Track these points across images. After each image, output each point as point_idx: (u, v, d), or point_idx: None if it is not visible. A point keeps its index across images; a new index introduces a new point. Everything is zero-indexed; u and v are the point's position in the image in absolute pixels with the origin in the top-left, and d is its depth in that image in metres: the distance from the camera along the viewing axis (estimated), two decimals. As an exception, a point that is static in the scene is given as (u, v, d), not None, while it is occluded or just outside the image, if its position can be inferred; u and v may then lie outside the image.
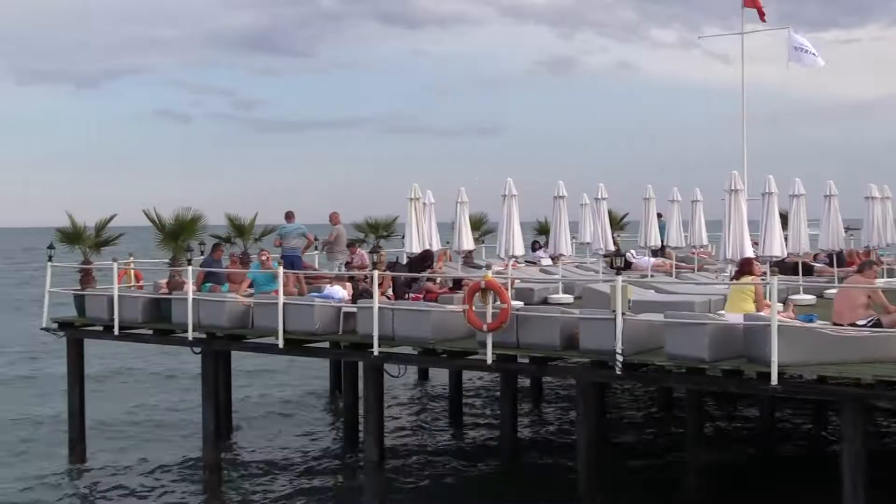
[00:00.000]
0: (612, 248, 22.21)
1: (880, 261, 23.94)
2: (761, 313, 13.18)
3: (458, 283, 19.13)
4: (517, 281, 19.82)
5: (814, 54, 25.88)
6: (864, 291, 13.48)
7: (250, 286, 18.35)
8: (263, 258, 18.71)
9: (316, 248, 24.05)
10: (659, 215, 26.14)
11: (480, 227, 29.80)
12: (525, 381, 25.07)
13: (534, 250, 28.92)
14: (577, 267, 25.57)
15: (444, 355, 15.39)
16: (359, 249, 23.13)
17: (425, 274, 19.23)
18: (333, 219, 22.89)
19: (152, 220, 20.90)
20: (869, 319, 13.11)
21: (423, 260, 20.12)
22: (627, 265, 24.78)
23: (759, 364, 12.42)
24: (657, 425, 21.79)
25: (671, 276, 23.90)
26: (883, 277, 22.59)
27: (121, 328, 18.47)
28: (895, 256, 27.34)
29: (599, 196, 23.26)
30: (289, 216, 21.85)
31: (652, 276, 23.73)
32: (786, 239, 20.01)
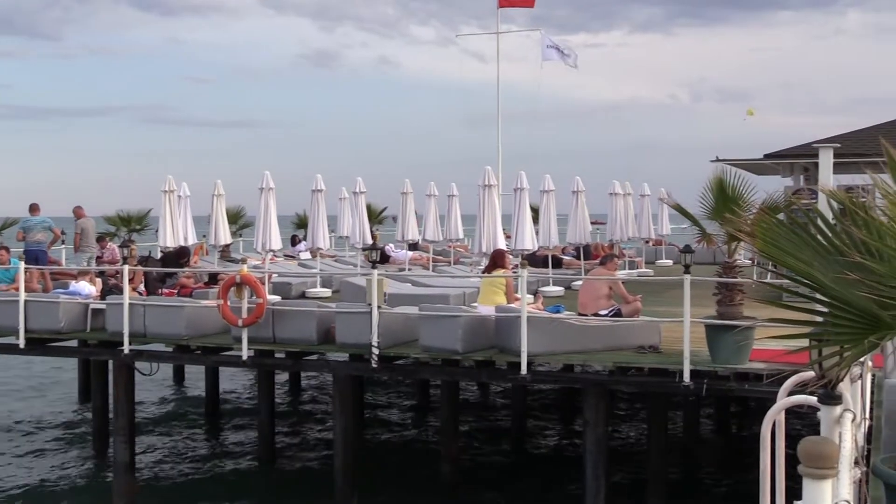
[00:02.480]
0: (370, 241, 22.38)
1: (622, 253, 25.29)
2: (512, 305, 13.63)
3: (213, 278, 18.75)
4: (274, 275, 19.66)
5: (567, 54, 27.06)
6: (606, 283, 14.19)
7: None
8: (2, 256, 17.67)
9: (63, 243, 22.96)
10: (393, 217, 26.54)
11: (238, 220, 29.35)
12: (285, 377, 24.92)
13: (293, 244, 28.76)
14: (336, 261, 25.61)
15: (199, 352, 15.09)
16: (109, 243, 22.25)
17: (178, 269, 18.70)
18: (77, 213, 21.90)
19: None
20: (611, 309, 13.80)
21: (179, 256, 19.62)
22: (385, 259, 25.05)
23: (510, 354, 12.83)
24: (414, 417, 22.13)
25: (428, 269, 24.32)
26: (625, 269, 23.91)
27: None
28: (636, 249, 28.98)
29: (358, 190, 23.41)
30: (33, 209, 20.72)
31: (409, 269, 24.07)
32: (536, 233, 20.79)
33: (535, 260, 22.51)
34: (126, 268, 15.23)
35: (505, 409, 21.94)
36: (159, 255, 20.81)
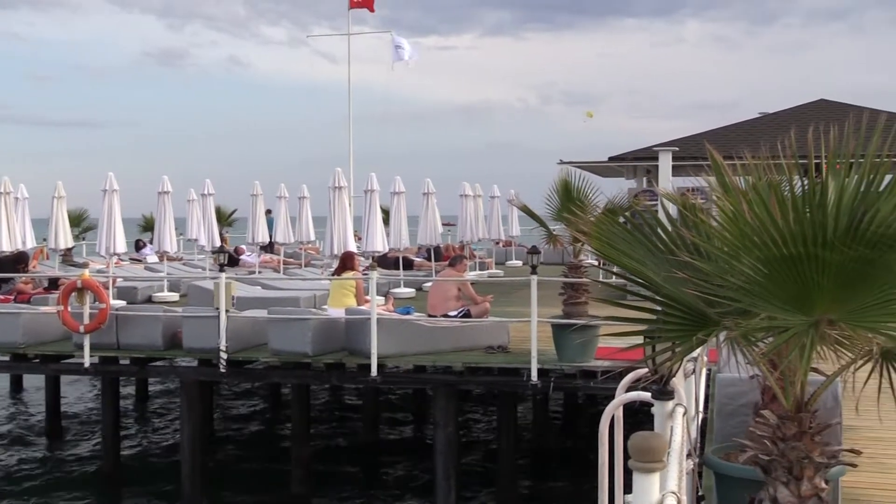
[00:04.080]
0: (218, 244, 22.04)
1: (473, 254, 25.60)
2: (362, 307, 13.63)
3: (54, 283, 18.11)
4: (119, 279, 19.14)
5: (404, 49, 27.32)
6: (455, 284, 14.32)
7: None
8: None
9: None
10: (268, 211, 26.26)
11: (80, 223, 28.46)
12: (131, 384, 24.23)
13: (139, 248, 28.03)
14: (183, 264, 25.09)
15: (37, 360, 14.56)
16: (-60, 248, 21.20)
17: (15, 275, 18.01)
18: None
19: None
20: (460, 310, 13.94)
21: (17, 261, 18.97)
22: (234, 261, 24.67)
23: (361, 356, 12.84)
24: (265, 421, 21.85)
25: (279, 271, 24.08)
26: (475, 270, 24.20)
27: None
28: (486, 251, 29.36)
29: (206, 192, 23.00)
30: None
31: (260, 272, 23.78)
32: (387, 234, 20.83)
33: (385, 261, 22.56)
34: (-42, 273, 14.60)
35: (357, 411, 21.88)
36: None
